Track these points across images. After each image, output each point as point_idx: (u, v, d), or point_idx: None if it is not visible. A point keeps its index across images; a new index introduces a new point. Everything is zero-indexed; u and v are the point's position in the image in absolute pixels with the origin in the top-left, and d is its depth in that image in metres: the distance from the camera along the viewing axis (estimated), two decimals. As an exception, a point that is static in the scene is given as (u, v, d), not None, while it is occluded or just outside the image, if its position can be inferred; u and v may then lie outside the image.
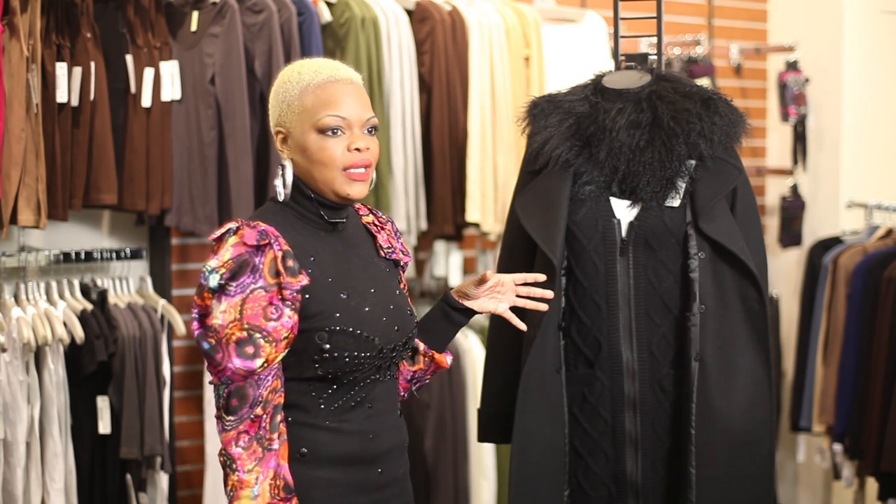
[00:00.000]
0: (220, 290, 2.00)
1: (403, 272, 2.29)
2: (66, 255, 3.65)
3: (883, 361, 4.12)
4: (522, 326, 2.32)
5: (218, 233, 2.06)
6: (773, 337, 5.03)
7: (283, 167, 2.12)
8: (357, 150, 2.08)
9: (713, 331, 2.42)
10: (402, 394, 2.30)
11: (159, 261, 3.89)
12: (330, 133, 2.07)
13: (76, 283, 3.65)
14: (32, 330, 3.40)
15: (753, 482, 2.46)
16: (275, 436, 2.03)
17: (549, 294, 2.30)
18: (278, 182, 2.11)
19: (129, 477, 3.59)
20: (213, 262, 2.01)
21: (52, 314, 3.48)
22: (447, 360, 2.32)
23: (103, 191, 3.55)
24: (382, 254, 2.22)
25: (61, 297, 3.61)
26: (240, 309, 1.99)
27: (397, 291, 2.20)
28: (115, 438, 3.58)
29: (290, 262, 2.03)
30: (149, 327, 3.64)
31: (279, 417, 2.04)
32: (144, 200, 3.65)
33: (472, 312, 2.30)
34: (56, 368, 3.46)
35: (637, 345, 2.45)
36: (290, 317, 2.02)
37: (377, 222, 2.25)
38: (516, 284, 2.31)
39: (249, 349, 1.99)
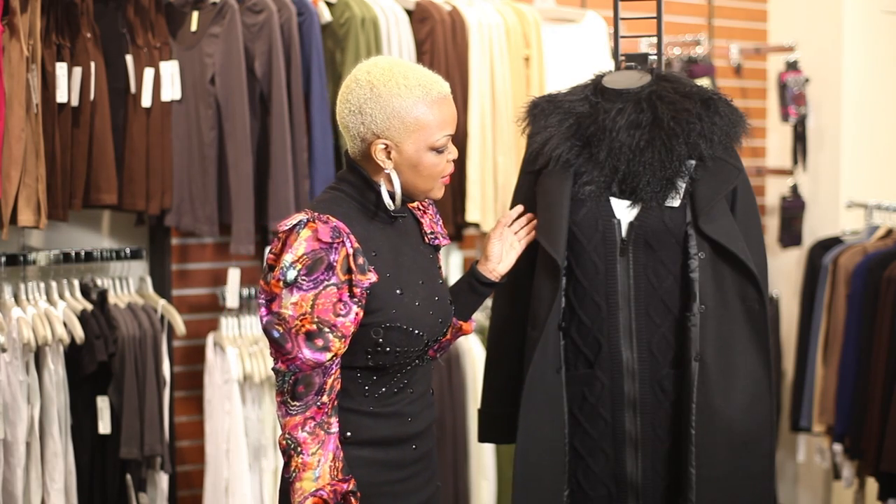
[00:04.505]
0: (293, 283, 2.09)
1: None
2: (66, 256, 3.65)
3: (883, 361, 4.12)
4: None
5: (288, 224, 2.13)
6: (773, 337, 5.03)
7: (390, 178, 2.19)
8: (451, 160, 2.24)
9: (713, 331, 2.41)
10: None
11: (159, 261, 3.89)
12: (442, 150, 2.20)
13: (76, 283, 3.65)
14: (32, 330, 3.40)
15: (753, 482, 2.46)
16: (334, 419, 2.15)
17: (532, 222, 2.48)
18: (385, 193, 2.19)
19: (129, 477, 3.59)
20: (288, 257, 2.09)
21: (52, 314, 3.48)
22: (472, 325, 2.48)
23: (103, 191, 3.55)
24: (427, 240, 2.35)
25: (61, 297, 3.61)
26: (311, 303, 2.09)
27: (440, 281, 2.34)
28: (115, 438, 3.58)
29: (361, 260, 2.13)
30: (149, 327, 3.64)
31: (337, 402, 2.16)
32: (144, 200, 3.65)
33: (495, 284, 2.45)
34: (56, 368, 3.46)
35: (637, 345, 2.44)
36: (356, 313, 2.13)
37: (420, 206, 2.37)
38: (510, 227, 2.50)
39: (319, 342, 2.09)
